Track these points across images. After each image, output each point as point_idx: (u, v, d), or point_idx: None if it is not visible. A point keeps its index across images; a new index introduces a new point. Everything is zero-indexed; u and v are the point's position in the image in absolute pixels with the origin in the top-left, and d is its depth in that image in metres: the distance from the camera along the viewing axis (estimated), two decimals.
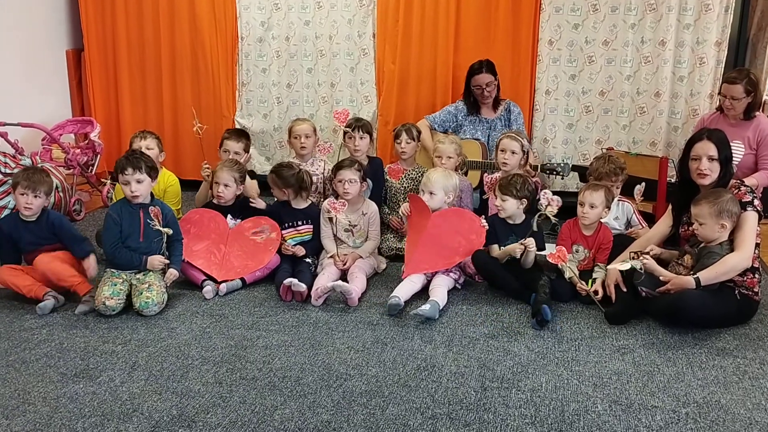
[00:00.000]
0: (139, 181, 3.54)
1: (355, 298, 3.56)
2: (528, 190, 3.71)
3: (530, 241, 3.55)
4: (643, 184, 4.01)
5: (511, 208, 3.68)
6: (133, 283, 3.54)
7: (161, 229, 3.59)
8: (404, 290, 3.55)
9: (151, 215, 3.56)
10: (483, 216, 3.96)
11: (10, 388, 2.76)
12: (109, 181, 5.21)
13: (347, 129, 4.33)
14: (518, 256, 3.58)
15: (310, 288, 3.66)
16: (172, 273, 3.62)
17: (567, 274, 3.56)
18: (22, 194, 3.55)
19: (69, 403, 2.64)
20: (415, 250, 3.64)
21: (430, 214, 3.80)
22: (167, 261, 3.62)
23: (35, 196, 3.55)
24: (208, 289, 3.67)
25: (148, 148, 4.21)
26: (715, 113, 4.44)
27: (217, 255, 3.88)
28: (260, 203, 4.12)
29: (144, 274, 3.57)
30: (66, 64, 5.92)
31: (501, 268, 3.65)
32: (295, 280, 3.57)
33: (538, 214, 3.59)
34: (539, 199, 3.65)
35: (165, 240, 3.63)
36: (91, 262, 3.64)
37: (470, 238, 3.70)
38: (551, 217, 3.58)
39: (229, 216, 4.02)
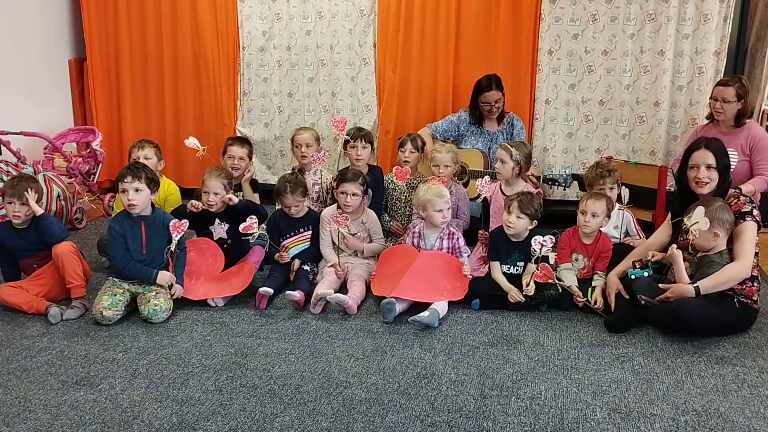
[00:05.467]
0: (137, 190, 3.54)
1: (353, 306, 3.58)
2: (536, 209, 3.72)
3: (529, 289, 3.52)
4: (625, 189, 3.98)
5: (522, 226, 3.67)
6: (139, 292, 3.56)
7: (174, 239, 3.60)
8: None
9: (171, 229, 3.60)
10: (482, 230, 4.05)
11: (11, 395, 2.77)
12: (98, 194, 5.26)
13: (347, 137, 4.35)
14: (516, 300, 3.58)
15: (308, 295, 3.69)
16: (179, 288, 3.64)
17: (566, 284, 3.57)
18: (10, 203, 3.57)
19: (70, 410, 2.65)
20: (402, 276, 3.63)
21: (417, 253, 3.82)
22: (174, 277, 3.63)
23: (22, 204, 3.56)
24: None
25: (146, 158, 4.20)
26: (707, 123, 4.44)
27: (190, 278, 3.78)
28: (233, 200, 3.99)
29: (149, 283, 3.60)
30: (68, 73, 5.94)
31: (504, 298, 3.61)
32: (270, 290, 3.63)
33: (535, 258, 3.57)
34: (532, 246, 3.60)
35: (167, 252, 3.65)
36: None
37: (454, 285, 3.69)
38: (548, 255, 3.58)
39: (217, 220, 3.98)
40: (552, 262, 3.67)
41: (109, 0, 5.68)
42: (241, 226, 3.74)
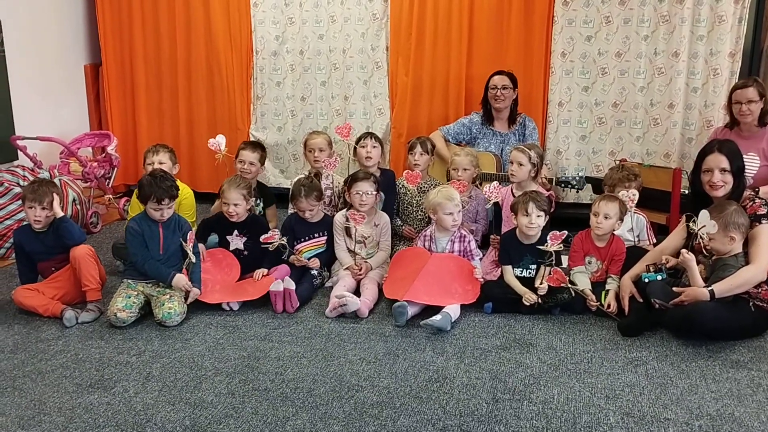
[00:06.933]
0: (170, 207, 3.64)
1: (364, 309, 3.58)
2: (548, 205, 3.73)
3: (543, 288, 3.53)
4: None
5: (542, 224, 3.66)
6: (153, 295, 3.59)
7: (189, 251, 3.63)
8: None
9: (187, 239, 3.65)
10: (494, 234, 4.05)
11: (27, 398, 2.79)
12: (113, 197, 5.32)
13: (354, 144, 4.39)
14: (530, 302, 3.57)
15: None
16: (195, 292, 3.65)
17: (579, 288, 3.56)
18: (30, 207, 3.62)
19: (84, 413, 2.67)
20: (415, 278, 3.64)
21: (429, 256, 3.83)
22: (189, 283, 3.64)
23: (42, 208, 3.61)
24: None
25: (161, 163, 4.23)
26: (725, 129, 4.40)
27: (206, 286, 3.77)
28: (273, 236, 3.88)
29: (163, 286, 3.63)
30: (84, 78, 6.01)
31: (516, 301, 3.60)
32: (286, 281, 3.61)
33: (547, 255, 3.56)
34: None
35: (187, 263, 3.67)
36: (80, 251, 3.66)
37: (466, 288, 3.69)
38: (555, 251, 3.57)
39: (235, 232, 4.00)
40: (565, 265, 3.65)
41: (123, 6, 5.76)
42: (263, 237, 3.81)
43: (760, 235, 3.26)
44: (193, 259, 3.65)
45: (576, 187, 4.48)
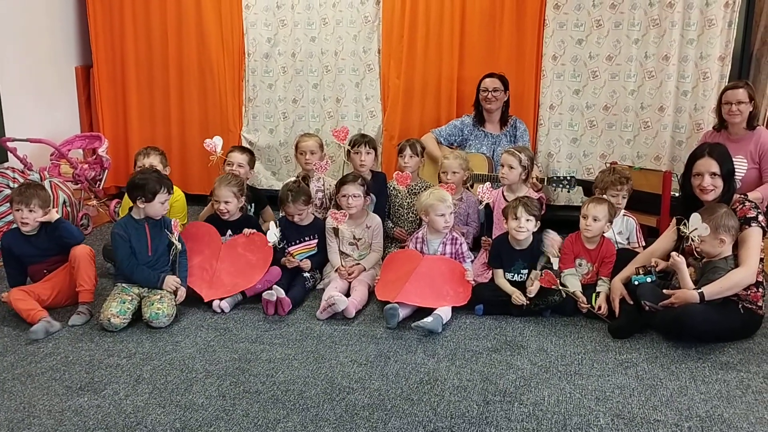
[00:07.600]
0: (168, 201, 3.68)
1: (351, 309, 3.59)
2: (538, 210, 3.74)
3: (533, 289, 3.54)
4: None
5: (532, 228, 3.66)
6: (145, 295, 3.59)
7: (174, 241, 3.64)
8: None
9: (171, 227, 3.65)
10: (485, 236, 4.06)
11: (16, 401, 2.78)
12: (104, 200, 5.30)
13: (349, 147, 4.39)
14: (519, 302, 3.58)
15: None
16: (182, 290, 3.65)
17: (570, 290, 3.57)
18: (18, 210, 3.59)
19: (74, 416, 2.66)
20: (407, 280, 3.65)
21: (421, 258, 3.83)
22: (179, 281, 3.65)
23: (30, 210, 3.58)
24: (216, 302, 3.70)
25: (152, 165, 4.24)
26: (714, 132, 4.43)
27: (208, 271, 3.84)
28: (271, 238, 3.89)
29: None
30: (75, 80, 5.99)
31: (507, 303, 3.61)
32: (275, 289, 3.61)
33: (544, 257, 3.57)
34: (543, 241, 3.67)
35: (173, 253, 3.67)
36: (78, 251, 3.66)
37: (458, 290, 3.70)
38: (552, 258, 3.58)
39: (229, 232, 4.02)
40: (556, 268, 3.66)
41: (115, 7, 5.73)
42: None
43: (750, 237, 3.28)
44: (180, 247, 3.66)
45: (567, 187, 4.50)
